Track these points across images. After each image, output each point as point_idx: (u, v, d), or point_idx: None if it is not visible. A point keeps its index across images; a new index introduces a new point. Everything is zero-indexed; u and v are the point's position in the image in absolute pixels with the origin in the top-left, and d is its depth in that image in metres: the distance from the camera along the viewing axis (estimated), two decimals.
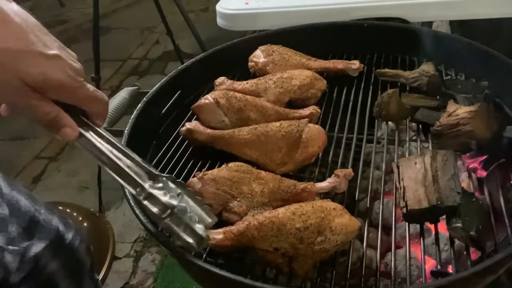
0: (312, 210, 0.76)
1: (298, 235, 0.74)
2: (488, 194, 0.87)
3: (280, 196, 0.85)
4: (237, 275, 0.71)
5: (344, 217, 0.77)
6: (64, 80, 0.64)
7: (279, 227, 0.74)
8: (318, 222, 0.75)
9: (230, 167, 0.88)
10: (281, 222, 0.74)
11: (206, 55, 1.25)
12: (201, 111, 1.03)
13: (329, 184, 0.87)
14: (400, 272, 0.81)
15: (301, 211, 0.76)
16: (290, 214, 0.75)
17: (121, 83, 3.46)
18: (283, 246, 0.75)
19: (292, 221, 0.75)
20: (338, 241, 0.76)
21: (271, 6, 1.52)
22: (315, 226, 0.74)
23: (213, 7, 1.65)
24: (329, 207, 0.77)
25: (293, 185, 0.86)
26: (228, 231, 0.77)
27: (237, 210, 0.82)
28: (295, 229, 0.74)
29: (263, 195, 0.85)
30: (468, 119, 0.90)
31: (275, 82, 1.09)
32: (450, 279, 0.68)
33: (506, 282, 0.95)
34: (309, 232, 0.74)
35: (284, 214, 0.76)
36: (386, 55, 1.25)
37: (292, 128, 0.94)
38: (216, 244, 0.76)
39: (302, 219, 0.74)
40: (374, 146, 1.02)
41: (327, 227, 0.75)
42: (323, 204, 0.79)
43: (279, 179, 0.88)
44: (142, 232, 2.18)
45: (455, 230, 0.76)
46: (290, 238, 0.74)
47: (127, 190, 0.73)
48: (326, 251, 0.75)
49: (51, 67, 0.63)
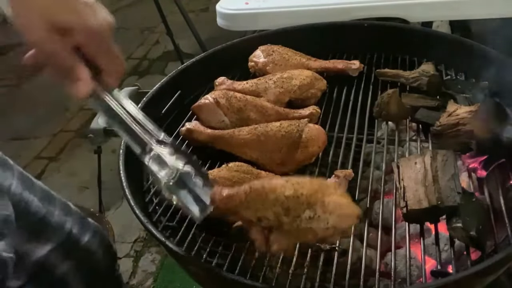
0: (309, 181, 0.69)
1: (286, 204, 0.66)
2: (488, 194, 0.86)
3: None
4: (237, 275, 0.71)
5: (342, 197, 0.68)
6: (95, 26, 0.66)
7: (268, 193, 0.66)
8: (310, 193, 0.66)
9: (230, 167, 0.88)
10: (272, 188, 0.67)
11: (206, 55, 1.24)
12: (201, 111, 1.03)
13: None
14: (400, 272, 0.81)
15: (296, 180, 0.68)
16: (283, 181, 0.68)
17: (121, 83, 3.46)
18: (268, 215, 0.67)
19: (283, 187, 0.67)
20: (329, 222, 0.66)
21: (271, 6, 1.52)
22: (306, 197, 0.66)
23: (213, 7, 1.65)
24: (329, 184, 0.71)
25: None
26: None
27: None
28: (283, 197, 0.66)
29: None
30: (468, 119, 0.90)
31: (275, 82, 1.09)
32: (450, 279, 0.68)
33: (506, 282, 0.95)
34: (298, 203, 0.66)
35: (277, 181, 0.69)
36: (386, 55, 1.25)
37: (292, 128, 0.94)
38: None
39: (294, 187, 0.66)
40: (374, 146, 1.02)
41: (319, 200, 0.66)
42: (323, 181, 0.72)
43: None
44: (142, 232, 2.17)
45: (455, 230, 0.76)
46: (277, 207, 0.66)
47: (134, 149, 0.72)
48: (312, 233, 0.67)
49: (85, 11, 0.66)
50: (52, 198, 1.04)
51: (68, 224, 1.05)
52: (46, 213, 1.00)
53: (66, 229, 1.04)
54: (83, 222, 1.10)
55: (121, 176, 0.88)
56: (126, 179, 0.87)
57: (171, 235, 0.83)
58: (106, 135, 1.08)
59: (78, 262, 1.07)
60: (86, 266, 1.10)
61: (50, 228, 1.01)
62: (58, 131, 2.96)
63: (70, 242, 1.05)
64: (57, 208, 1.04)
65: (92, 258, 1.12)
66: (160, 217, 0.87)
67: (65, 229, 1.04)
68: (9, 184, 0.94)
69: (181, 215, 0.86)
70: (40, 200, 1.00)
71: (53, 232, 1.02)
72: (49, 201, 1.02)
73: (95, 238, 1.11)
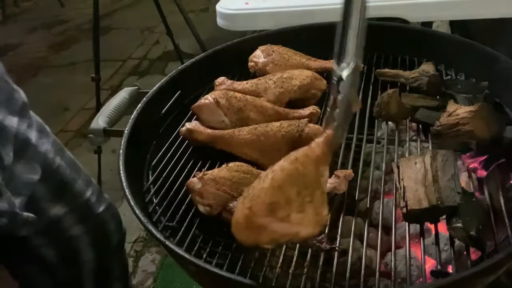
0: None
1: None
2: (488, 194, 0.86)
3: None
4: (237, 275, 0.71)
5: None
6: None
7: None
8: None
9: (230, 167, 0.88)
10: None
11: (206, 55, 1.24)
12: (201, 111, 1.03)
13: (330, 185, 0.86)
14: (400, 272, 0.81)
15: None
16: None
17: (121, 83, 3.47)
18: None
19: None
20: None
21: (271, 6, 1.52)
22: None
23: (213, 7, 1.65)
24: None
25: None
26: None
27: None
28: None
29: None
30: (468, 119, 0.90)
31: (275, 82, 1.09)
32: (450, 279, 0.68)
33: (506, 282, 0.95)
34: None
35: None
36: (386, 55, 1.25)
37: (292, 128, 0.94)
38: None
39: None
40: (374, 146, 1.02)
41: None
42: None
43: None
44: (142, 232, 2.18)
45: (455, 230, 0.76)
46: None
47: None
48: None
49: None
50: (78, 168, 1.17)
51: (88, 193, 1.17)
52: (71, 179, 1.13)
53: (85, 197, 1.16)
54: (100, 194, 1.21)
55: (121, 176, 0.88)
56: (126, 179, 0.87)
57: (171, 235, 0.83)
58: (106, 135, 1.08)
59: (90, 229, 1.18)
60: (98, 235, 1.21)
61: (72, 193, 1.13)
62: (58, 131, 2.97)
63: (86, 209, 1.16)
64: (81, 177, 1.16)
65: (104, 229, 1.23)
66: (160, 217, 0.87)
67: (84, 197, 1.16)
68: (45, 149, 1.05)
69: (181, 215, 0.86)
70: (68, 167, 1.12)
71: (74, 197, 1.13)
72: (75, 170, 1.15)
73: (108, 211, 1.22)
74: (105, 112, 1.12)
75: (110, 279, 1.31)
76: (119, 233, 1.29)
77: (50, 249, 1.13)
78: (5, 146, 0.92)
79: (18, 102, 0.99)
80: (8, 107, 0.96)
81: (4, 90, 0.97)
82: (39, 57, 4.00)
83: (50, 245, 1.13)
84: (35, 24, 4.58)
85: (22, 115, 1.00)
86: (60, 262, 1.16)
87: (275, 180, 0.66)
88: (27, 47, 4.19)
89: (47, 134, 1.08)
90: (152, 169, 0.98)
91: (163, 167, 0.97)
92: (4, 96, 0.96)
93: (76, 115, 3.17)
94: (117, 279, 1.33)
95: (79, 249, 1.17)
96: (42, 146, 1.04)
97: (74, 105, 3.25)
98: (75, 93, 3.29)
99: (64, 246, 1.15)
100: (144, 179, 0.97)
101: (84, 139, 2.81)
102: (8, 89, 0.99)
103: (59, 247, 1.14)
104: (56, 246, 1.14)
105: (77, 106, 3.23)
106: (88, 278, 1.23)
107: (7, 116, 0.95)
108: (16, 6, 4.90)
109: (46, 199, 1.07)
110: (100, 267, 1.25)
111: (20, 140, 0.97)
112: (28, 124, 1.01)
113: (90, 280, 1.24)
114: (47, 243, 1.12)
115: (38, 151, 1.03)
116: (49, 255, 1.14)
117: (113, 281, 1.32)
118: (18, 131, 0.97)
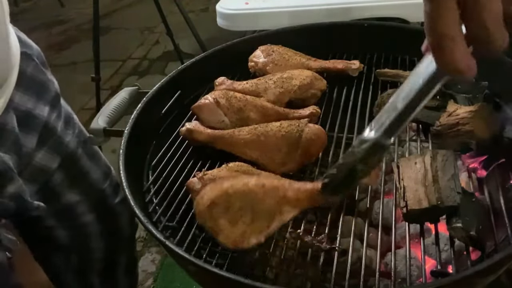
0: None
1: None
2: (488, 194, 0.86)
3: None
4: (237, 275, 0.71)
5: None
6: None
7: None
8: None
9: (230, 167, 0.88)
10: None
11: (206, 55, 1.24)
12: (201, 111, 1.03)
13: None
14: (400, 272, 0.81)
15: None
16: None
17: (121, 83, 3.47)
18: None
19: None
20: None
21: (271, 6, 1.52)
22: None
23: (213, 7, 1.65)
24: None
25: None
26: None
27: None
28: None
29: None
30: (468, 119, 0.90)
31: (275, 82, 1.09)
32: (450, 279, 0.68)
33: (506, 282, 0.95)
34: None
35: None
36: (386, 55, 1.25)
37: (292, 128, 0.94)
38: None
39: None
40: None
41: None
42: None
43: (279, 179, 0.88)
44: (142, 232, 2.18)
45: (455, 230, 0.76)
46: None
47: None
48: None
49: None
50: (100, 160, 1.20)
51: (105, 184, 1.20)
52: (90, 170, 1.16)
53: (101, 188, 1.19)
54: (117, 187, 1.24)
55: (121, 176, 0.88)
56: (126, 179, 0.87)
57: (171, 235, 0.83)
58: (106, 135, 1.08)
59: (103, 219, 1.20)
60: (110, 225, 1.23)
61: (89, 183, 1.16)
62: None
63: (101, 199, 1.19)
64: (100, 168, 1.19)
65: (117, 221, 1.25)
66: (160, 217, 0.87)
67: (101, 187, 1.19)
68: (68, 140, 1.08)
69: (181, 215, 0.86)
70: (89, 158, 1.15)
71: (90, 187, 1.17)
72: (96, 161, 1.18)
73: (122, 204, 1.24)
74: (105, 112, 1.12)
75: (117, 272, 1.33)
76: (131, 227, 1.31)
77: (62, 230, 1.16)
78: (30, 134, 0.95)
79: (52, 93, 1.02)
80: (40, 97, 0.98)
81: (38, 79, 0.99)
82: None
83: (62, 228, 1.16)
84: (35, 24, 4.58)
85: (53, 106, 1.02)
86: (72, 244, 1.20)
87: (230, 186, 0.72)
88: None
89: (73, 125, 1.12)
90: (152, 169, 0.98)
91: (163, 167, 0.97)
92: (38, 85, 0.98)
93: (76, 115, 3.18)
94: (125, 273, 1.35)
95: (89, 235, 1.20)
96: (66, 137, 1.07)
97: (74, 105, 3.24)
98: (75, 93, 3.29)
99: (75, 230, 1.18)
100: (144, 179, 0.97)
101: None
102: (43, 78, 1.00)
103: (70, 230, 1.17)
104: (67, 229, 1.17)
105: (77, 106, 3.23)
106: (97, 268, 1.26)
107: (39, 105, 0.97)
108: (16, 6, 4.91)
109: (63, 185, 1.10)
110: (108, 258, 1.27)
111: (47, 129, 1.00)
112: (57, 115, 1.04)
113: (99, 270, 1.27)
114: (59, 226, 1.15)
115: (61, 141, 1.05)
116: (61, 236, 1.17)
117: (119, 276, 1.34)
118: (48, 121, 1.00)
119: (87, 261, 1.25)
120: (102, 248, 1.24)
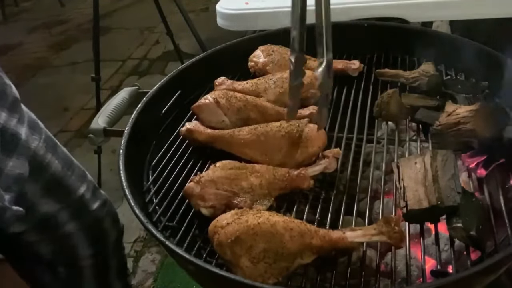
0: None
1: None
2: (488, 194, 0.86)
3: (278, 185, 0.87)
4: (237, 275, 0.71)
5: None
6: None
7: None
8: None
9: (224, 165, 0.88)
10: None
11: (206, 55, 1.25)
12: (201, 111, 1.03)
13: (321, 166, 0.90)
14: (400, 272, 0.81)
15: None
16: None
17: (121, 83, 3.47)
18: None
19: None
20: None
21: (271, 6, 1.52)
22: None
23: (213, 7, 1.65)
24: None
25: (287, 173, 0.89)
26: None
27: (243, 205, 0.83)
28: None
29: (262, 187, 0.86)
30: (469, 117, 0.90)
31: (275, 82, 1.09)
32: (450, 279, 0.68)
33: (506, 282, 0.95)
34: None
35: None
36: (386, 55, 1.25)
37: (292, 128, 0.94)
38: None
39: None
40: (374, 146, 1.02)
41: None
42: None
43: (273, 169, 0.89)
44: (142, 232, 2.18)
45: (455, 230, 0.76)
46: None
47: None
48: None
49: None
50: (72, 164, 1.15)
51: (82, 190, 1.15)
52: (63, 175, 1.10)
53: (78, 194, 1.14)
54: (96, 191, 1.20)
55: (121, 176, 0.88)
56: (126, 179, 0.87)
57: (171, 235, 0.83)
58: (106, 135, 1.08)
59: (86, 226, 1.17)
60: (94, 232, 1.20)
61: (64, 190, 1.11)
62: (58, 131, 2.97)
63: (80, 205, 1.15)
64: (75, 174, 1.14)
65: (100, 226, 1.22)
66: (160, 217, 0.87)
67: (77, 193, 1.14)
68: (35, 145, 1.03)
69: (181, 215, 0.86)
70: (60, 163, 1.10)
71: (67, 194, 1.12)
72: (68, 166, 1.12)
73: (104, 207, 1.21)
74: (105, 112, 1.12)
75: (109, 277, 1.31)
76: (116, 229, 1.28)
77: (45, 245, 1.13)
78: None
79: (9, 97, 0.97)
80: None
81: None
82: (39, 57, 4.00)
83: (45, 242, 1.13)
84: (35, 24, 4.58)
85: (12, 110, 0.97)
86: (57, 259, 1.16)
87: (258, 225, 0.73)
88: (27, 47, 4.19)
89: (39, 131, 1.06)
90: (152, 169, 0.98)
91: (163, 167, 0.97)
92: None
93: (76, 115, 3.17)
94: (117, 276, 1.33)
95: (75, 246, 1.17)
96: (32, 142, 1.02)
97: (74, 105, 3.25)
98: (75, 93, 3.29)
99: (59, 243, 1.15)
100: (144, 179, 0.97)
101: (84, 139, 2.81)
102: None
103: (54, 244, 1.14)
104: (51, 243, 1.14)
105: (77, 106, 3.23)
106: (88, 276, 1.24)
107: None
108: (16, 6, 4.91)
109: (37, 195, 1.06)
110: (98, 264, 1.25)
111: (8, 135, 0.95)
112: (18, 120, 0.98)
113: (90, 278, 1.24)
114: (41, 239, 1.12)
115: (28, 147, 1.00)
116: (45, 252, 1.14)
117: (112, 280, 1.32)
118: (6, 126, 0.94)
119: (76, 271, 1.22)
120: (90, 256, 1.21)
